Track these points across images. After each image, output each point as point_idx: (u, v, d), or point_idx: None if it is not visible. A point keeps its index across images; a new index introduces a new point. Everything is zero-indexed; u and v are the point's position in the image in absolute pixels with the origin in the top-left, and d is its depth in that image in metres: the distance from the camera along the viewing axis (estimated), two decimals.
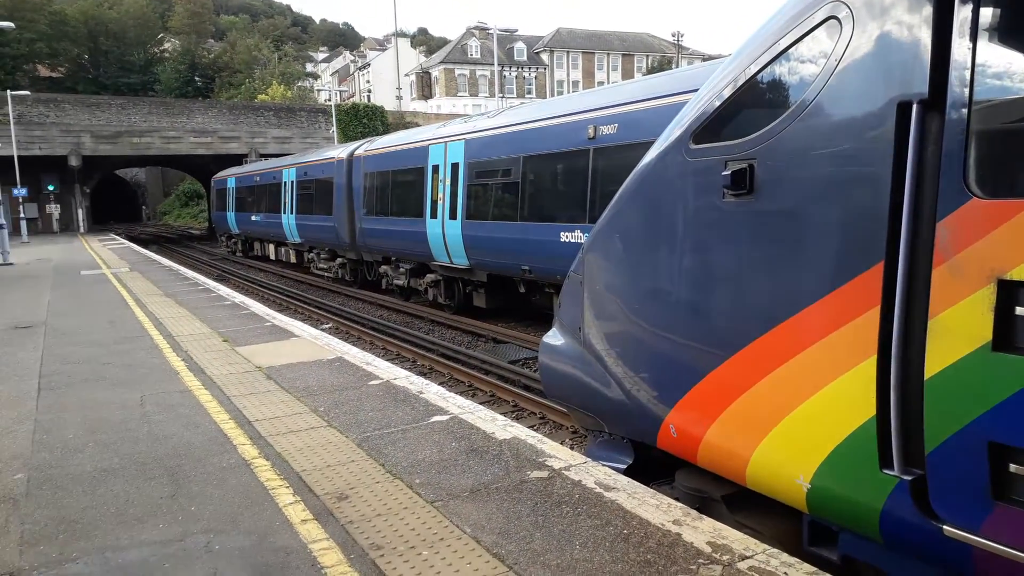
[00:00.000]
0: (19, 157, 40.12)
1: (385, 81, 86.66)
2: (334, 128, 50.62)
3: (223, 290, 16.45)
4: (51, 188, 47.19)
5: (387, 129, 49.22)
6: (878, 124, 3.01)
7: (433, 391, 6.85)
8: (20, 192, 39.70)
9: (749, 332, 3.64)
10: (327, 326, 16.41)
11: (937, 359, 2.78)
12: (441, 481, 4.61)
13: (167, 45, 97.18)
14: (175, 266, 23.48)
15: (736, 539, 3.70)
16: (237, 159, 47.65)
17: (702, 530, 3.81)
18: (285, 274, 28.32)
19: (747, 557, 3.49)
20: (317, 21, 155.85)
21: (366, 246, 21.10)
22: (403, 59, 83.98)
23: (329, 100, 57.17)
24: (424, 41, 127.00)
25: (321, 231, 24.19)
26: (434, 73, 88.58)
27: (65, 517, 4.25)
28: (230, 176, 38.10)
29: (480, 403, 8.14)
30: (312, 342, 9.57)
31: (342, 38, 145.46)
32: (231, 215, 37.20)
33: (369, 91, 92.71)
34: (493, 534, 3.83)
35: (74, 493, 4.61)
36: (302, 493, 4.49)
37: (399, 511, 4.17)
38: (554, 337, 5.57)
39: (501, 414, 6.88)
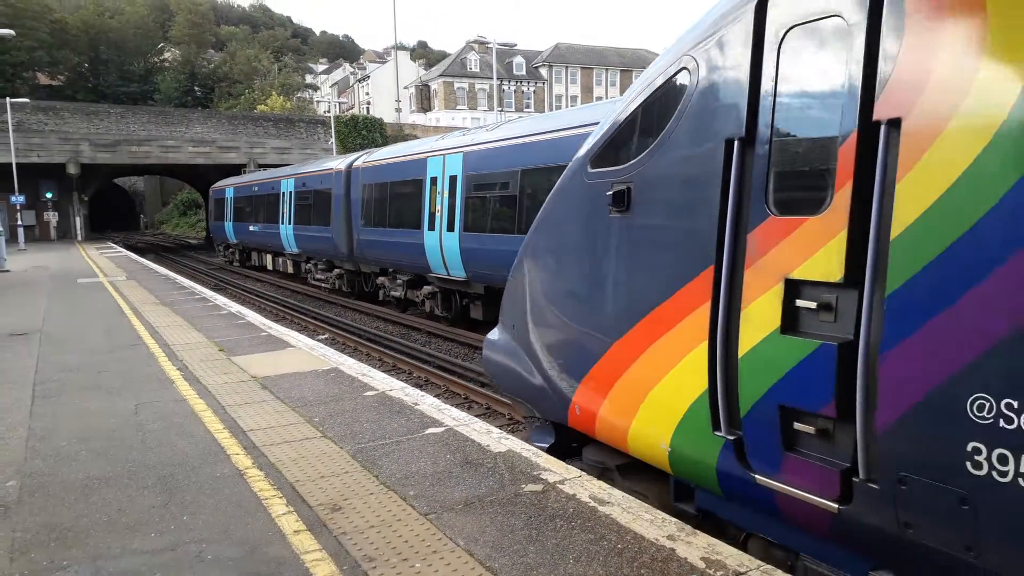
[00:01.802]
0: (17, 164, 40.16)
1: (384, 93, 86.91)
2: (333, 139, 50.73)
3: (220, 300, 16.43)
4: (49, 196, 47.12)
5: (386, 141, 49.34)
6: (712, 156, 3.84)
7: (429, 403, 6.84)
8: (18, 199, 39.69)
9: (626, 322, 4.50)
10: (324, 337, 16.39)
11: (747, 341, 3.60)
12: (435, 493, 4.59)
13: (167, 55, 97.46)
14: (172, 275, 23.46)
15: (730, 555, 3.69)
16: (236, 169, 47.69)
17: (696, 545, 3.80)
18: (282, 284, 28.29)
19: (741, 573, 3.48)
20: (317, 33, 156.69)
21: (363, 257, 21.10)
22: (402, 72, 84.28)
23: (328, 111, 57.33)
24: (424, 54, 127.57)
25: (319, 242, 24.19)
26: (433, 86, 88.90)
27: (57, 525, 4.23)
28: (228, 186, 38.12)
29: (476, 415, 8.13)
30: (308, 352, 9.55)
31: (342, 50, 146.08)
32: (229, 225, 37.19)
33: (368, 103, 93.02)
34: (487, 547, 3.82)
35: (66, 501, 4.59)
36: (295, 504, 4.48)
37: (392, 523, 4.16)
38: (494, 334, 6.40)
39: (496, 427, 6.86)
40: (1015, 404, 2.59)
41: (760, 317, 3.51)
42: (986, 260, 2.70)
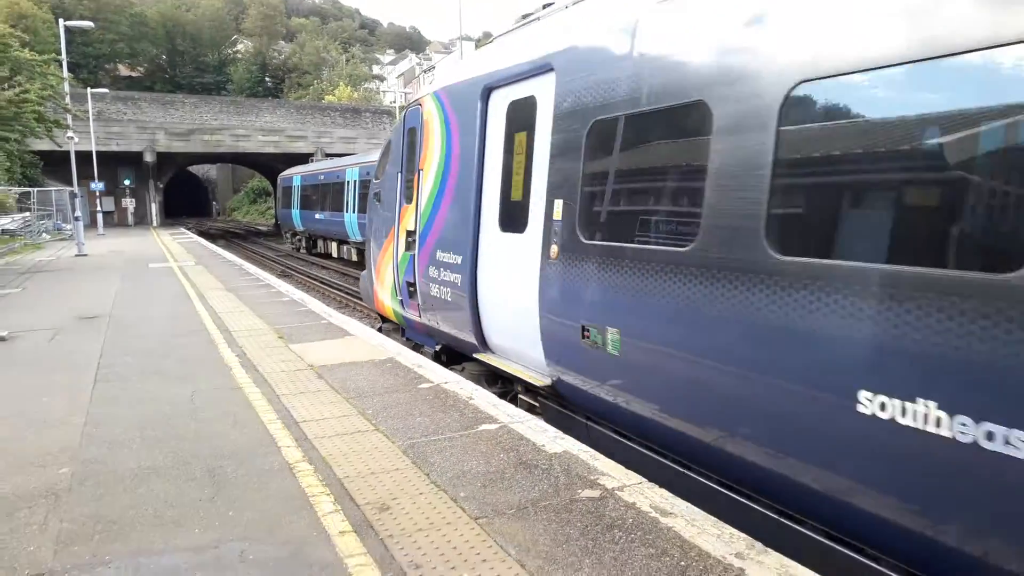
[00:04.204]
0: (97, 153, 41.58)
1: None
2: None
3: (283, 286, 16.58)
4: (127, 183, 48.81)
5: None
6: (395, 177, 9.47)
7: (483, 397, 6.63)
8: (98, 187, 41.06)
9: (380, 248, 9.98)
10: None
11: (400, 255, 9.13)
12: (487, 496, 4.37)
13: (240, 46, 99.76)
14: (239, 261, 23.88)
15: None
16: (304, 158, 48.46)
17: (768, 565, 3.48)
18: (346, 272, 28.49)
19: None
20: (384, 24, 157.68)
21: None
22: None
23: (394, 102, 57.68)
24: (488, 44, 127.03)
25: None
26: None
27: (104, 516, 4.16)
28: (296, 174, 38.70)
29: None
30: (366, 341, 9.46)
31: (408, 41, 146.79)
32: (296, 212, 37.78)
33: None
34: (539, 558, 3.58)
35: (115, 491, 4.53)
36: (342, 502, 4.32)
37: (441, 526, 3.96)
38: (366, 270, 11.44)
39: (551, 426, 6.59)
40: (432, 270, 7.96)
41: (402, 245, 8.79)
42: (429, 224, 8.11)
